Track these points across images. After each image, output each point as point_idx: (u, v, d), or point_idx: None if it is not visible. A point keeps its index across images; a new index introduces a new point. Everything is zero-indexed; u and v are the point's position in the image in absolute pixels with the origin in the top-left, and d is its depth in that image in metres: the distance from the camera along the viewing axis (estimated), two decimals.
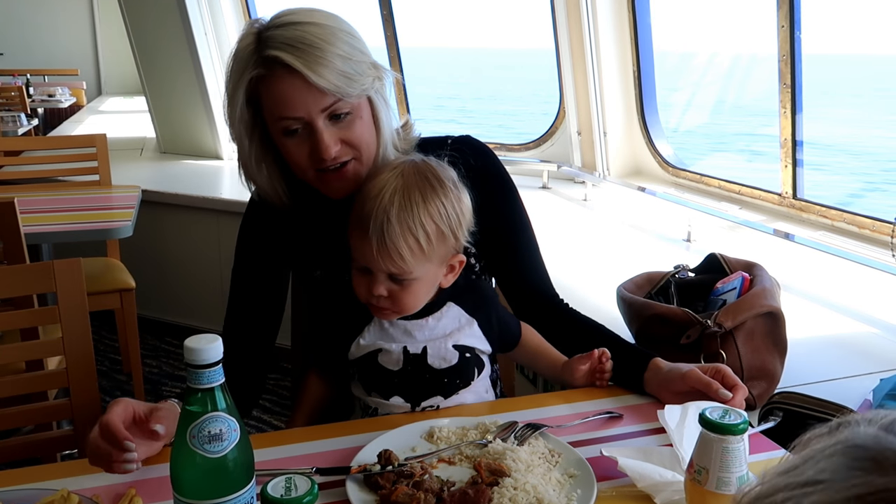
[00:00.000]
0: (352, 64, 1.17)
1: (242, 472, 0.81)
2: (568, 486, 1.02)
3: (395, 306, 1.19)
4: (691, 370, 1.21)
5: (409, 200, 1.13)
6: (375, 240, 1.12)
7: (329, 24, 1.18)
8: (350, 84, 1.17)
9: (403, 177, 1.15)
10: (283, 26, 1.16)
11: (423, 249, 1.14)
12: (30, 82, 7.14)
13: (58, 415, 1.51)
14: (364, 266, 1.17)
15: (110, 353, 3.48)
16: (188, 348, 0.78)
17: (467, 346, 1.25)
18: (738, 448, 0.90)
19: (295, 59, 1.13)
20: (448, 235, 1.17)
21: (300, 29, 1.15)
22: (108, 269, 2.91)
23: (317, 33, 1.15)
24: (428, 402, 1.24)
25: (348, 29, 1.21)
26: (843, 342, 1.81)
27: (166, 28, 3.93)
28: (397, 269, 1.14)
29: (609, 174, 3.39)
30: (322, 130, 1.18)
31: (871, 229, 2.39)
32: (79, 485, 1.02)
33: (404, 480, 0.99)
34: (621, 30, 3.25)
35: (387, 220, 1.11)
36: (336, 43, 1.16)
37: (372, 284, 1.16)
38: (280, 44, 1.14)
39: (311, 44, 1.14)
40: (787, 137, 2.63)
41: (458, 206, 1.18)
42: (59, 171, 3.23)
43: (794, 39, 2.52)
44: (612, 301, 1.68)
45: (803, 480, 0.42)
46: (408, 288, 1.17)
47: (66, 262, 1.42)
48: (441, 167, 1.20)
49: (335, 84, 1.15)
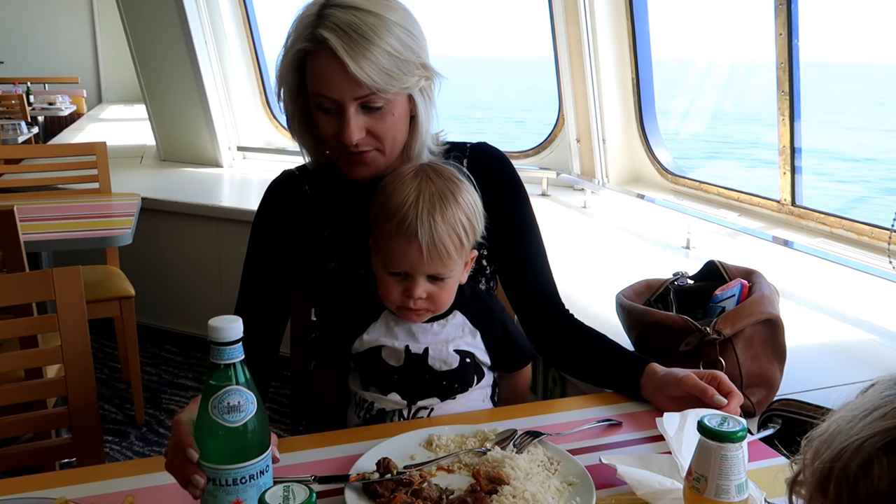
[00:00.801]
0: (398, 62, 1.18)
1: (259, 441, 0.87)
2: (567, 494, 1.02)
3: (432, 306, 1.22)
4: (687, 375, 1.21)
5: (445, 201, 1.18)
6: (425, 243, 1.15)
7: (387, 17, 1.18)
8: (390, 81, 1.18)
9: (430, 180, 1.19)
10: (344, 8, 1.17)
11: (464, 244, 1.20)
12: (30, 90, 7.15)
13: (56, 423, 1.50)
14: (404, 271, 1.18)
15: (109, 360, 3.48)
16: (212, 327, 0.84)
17: (468, 352, 1.26)
18: (737, 456, 0.90)
19: (340, 46, 1.15)
20: (477, 227, 1.22)
21: (357, 15, 1.16)
22: (108, 276, 2.91)
23: (371, 23, 1.16)
24: (424, 401, 1.25)
25: (407, 24, 1.21)
26: (842, 349, 1.81)
27: (166, 36, 3.94)
28: (443, 269, 1.18)
29: (608, 181, 3.40)
30: (351, 116, 1.20)
31: (869, 236, 2.39)
32: (77, 493, 1.02)
33: (403, 488, 0.99)
34: (620, 37, 3.26)
35: (433, 222, 1.15)
36: (387, 37, 1.17)
37: (412, 288, 1.19)
38: (333, 25, 1.16)
39: (361, 33, 1.15)
40: (786, 144, 2.63)
41: (474, 198, 1.23)
42: (59, 178, 3.23)
43: (792, 47, 2.53)
44: (612, 308, 1.68)
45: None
46: (445, 286, 1.21)
47: (66, 270, 1.42)
48: (448, 165, 1.24)
49: (373, 78, 1.16)
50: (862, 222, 2.43)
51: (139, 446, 2.83)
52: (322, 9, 1.18)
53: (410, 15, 1.24)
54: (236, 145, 4.29)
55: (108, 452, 2.71)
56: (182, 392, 3.24)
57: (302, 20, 1.20)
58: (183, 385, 3.30)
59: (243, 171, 4.16)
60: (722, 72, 20.52)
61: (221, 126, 4.15)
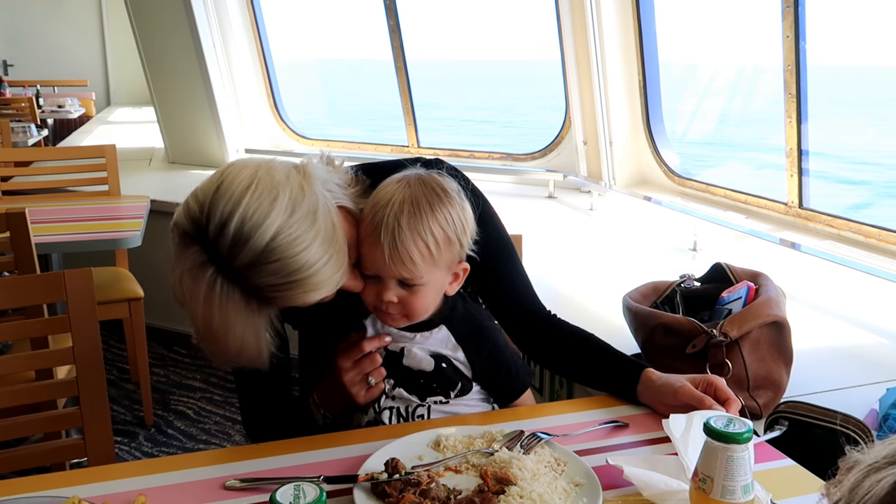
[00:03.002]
0: (328, 244, 1.08)
1: None
2: (574, 495, 1.03)
3: (404, 311, 1.21)
4: (683, 386, 1.22)
5: (418, 208, 1.16)
6: (387, 245, 1.15)
7: (279, 225, 1.03)
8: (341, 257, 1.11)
9: (411, 187, 1.19)
10: (253, 266, 1.03)
11: (433, 254, 1.17)
12: (40, 93, 7.20)
13: (67, 423, 1.51)
14: (374, 273, 1.19)
15: (118, 361, 3.50)
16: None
17: (446, 357, 1.28)
18: (743, 457, 0.91)
19: (298, 295, 1.07)
20: (454, 241, 1.20)
21: (270, 259, 1.03)
22: (117, 278, 2.93)
23: (286, 251, 1.03)
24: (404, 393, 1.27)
25: (283, 202, 1.04)
26: (850, 352, 1.81)
27: (175, 39, 3.96)
28: (408, 274, 1.17)
29: (615, 184, 3.40)
30: (346, 285, 1.16)
31: (877, 238, 2.39)
32: (89, 492, 1.03)
33: (411, 489, 1.00)
34: (627, 39, 3.26)
35: (398, 226, 1.15)
36: (304, 243, 1.05)
37: (382, 291, 1.19)
38: (270, 287, 1.05)
39: (295, 269, 1.05)
40: (793, 147, 2.63)
41: (462, 215, 1.21)
42: (69, 181, 3.25)
43: (799, 49, 2.53)
44: (618, 310, 1.68)
45: None
46: (417, 293, 1.20)
47: (77, 272, 1.44)
48: (444, 178, 1.23)
49: (337, 277, 1.11)
50: (870, 225, 2.43)
51: (148, 447, 2.84)
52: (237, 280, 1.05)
53: (273, 183, 1.06)
54: (244, 147, 4.31)
55: (116, 453, 2.72)
56: (190, 393, 3.25)
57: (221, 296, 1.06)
58: (191, 386, 3.32)
59: None
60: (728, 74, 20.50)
61: (229, 128, 4.18)
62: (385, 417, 1.28)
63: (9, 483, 1.07)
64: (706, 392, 1.21)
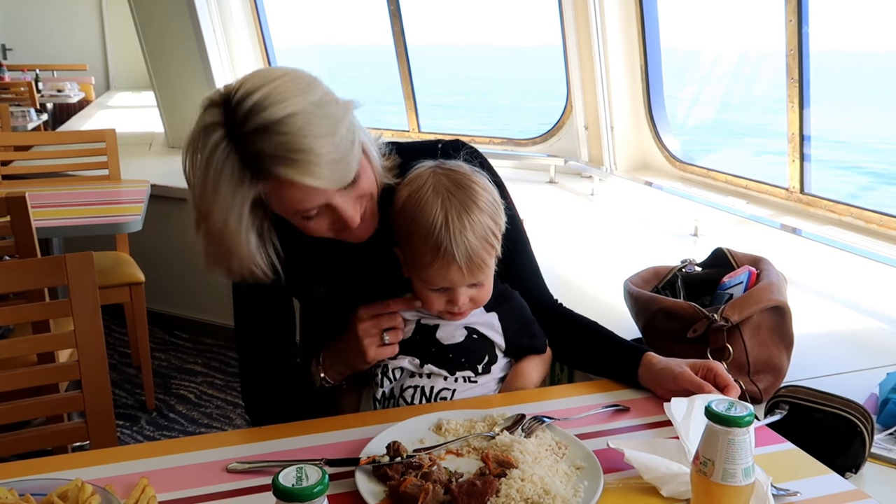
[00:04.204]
0: (340, 149, 1.08)
1: None
2: (575, 478, 1.03)
3: (476, 306, 1.26)
4: (682, 372, 1.22)
5: (470, 213, 1.18)
6: (464, 263, 1.17)
7: (301, 108, 1.05)
8: (347, 168, 1.10)
9: (451, 195, 1.19)
10: (261, 131, 1.04)
11: (496, 247, 1.22)
12: (39, 77, 7.15)
13: (69, 407, 1.52)
14: (445, 287, 1.21)
15: (119, 346, 3.51)
16: None
17: (476, 330, 1.30)
18: (744, 440, 0.91)
19: (293, 174, 1.05)
20: (501, 223, 1.24)
21: (280, 130, 1.04)
22: (118, 263, 2.93)
23: (298, 130, 1.04)
24: (434, 368, 1.28)
25: (315, 96, 1.08)
26: (850, 336, 1.81)
27: (175, 23, 3.94)
28: (482, 276, 1.22)
29: (616, 169, 3.39)
30: (341, 206, 1.14)
31: (878, 224, 2.38)
32: (91, 475, 1.03)
33: (413, 472, 1.01)
34: (628, 24, 3.24)
35: (467, 241, 1.17)
36: (318, 133, 1.05)
37: (455, 299, 1.22)
38: (269, 157, 1.04)
39: (299, 148, 1.04)
40: (795, 132, 2.62)
41: (493, 193, 1.24)
42: (69, 165, 3.25)
43: (802, 34, 2.51)
44: (619, 295, 1.68)
45: None
46: (483, 286, 1.24)
47: (79, 255, 1.44)
48: (461, 166, 1.24)
49: (335, 179, 1.09)
50: (871, 210, 2.43)
51: (150, 430, 2.86)
52: (237, 138, 1.05)
53: (304, 73, 1.11)
54: None
55: (119, 437, 2.73)
56: (191, 377, 3.26)
57: (219, 162, 1.06)
58: (192, 370, 3.33)
59: None
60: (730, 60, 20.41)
61: None
62: (408, 395, 1.28)
63: (11, 466, 1.08)
64: (706, 378, 1.22)
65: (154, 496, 0.99)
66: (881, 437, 1.27)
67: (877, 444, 1.24)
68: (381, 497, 0.99)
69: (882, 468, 1.21)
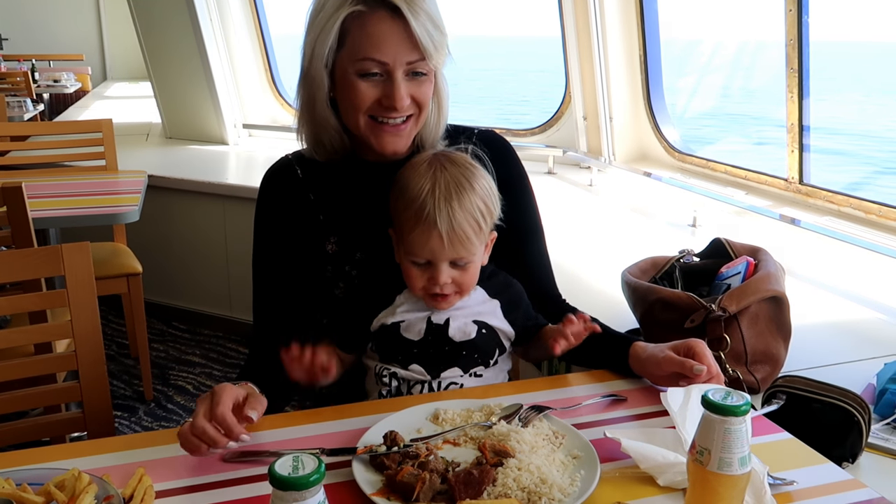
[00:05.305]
0: (439, 31, 1.22)
1: None
2: (572, 467, 1.03)
3: (459, 290, 1.25)
4: (666, 356, 1.22)
5: (461, 188, 1.20)
6: (445, 231, 1.17)
7: None
8: (437, 48, 1.22)
9: (444, 168, 1.21)
10: None
11: (482, 228, 1.22)
12: (35, 67, 7.14)
13: (67, 397, 1.52)
14: (426, 260, 1.21)
15: (117, 337, 3.51)
16: None
17: (485, 323, 1.29)
18: (741, 429, 0.91)
19: (403, 3, 1.17)
20: (494, 211, 1.25)
21: None
22: (115, 253, 2.93)
23: None
24: (447, 372, 1.26)
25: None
26: (848, 327, 1.81)
27: (172, 13, 3.92)
28: (465, 253, 1.21)
29: (615, 159, 3.39)
30: (399, 81, 1.22)
31: (877, 214, 2.38)
32: (89, 465, 1.03)
33: (410, 461, 1.01)
34: (628, 14, 3.23)
35: (451, 209, 1.18)
36: (430, 4, 1.21)
37: (437, 275, 1.21)
38: None
39: None
40: (794, 122, 2.62)
41: (490, 183, 1.25)
42: (66, 156, 3.24)
43: (802, 24, 2.51)
44: (617, 286, 1.68)
45: None
46: (468, 269, 1.24)
47: (75, 245, 1.43)
48: (460, 152, 1.26)
49: (428, 41, 1.20)
50: (870, 200, 2.43)
51: (147, 421, 2.86)
52: None
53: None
54: (242, 123, 4.29)
55: (116, 427, 2.74)
56: (189, 368, 3.26)
57: None
58: (190, 361, 3.33)
59: (249, 149, 4.16)
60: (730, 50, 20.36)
61: (227, 104, 4.14)
62: (416, 391, 1.28)
63: (9, 455, 1.08)
64: (687, 356, 1.21)
65: (151, 486, 0.99)
66: (878, 427, 1.27)
67: (874, 434, 1.24)
68: (377, 486, 0.99)
69: (879, 458, 1.21)
